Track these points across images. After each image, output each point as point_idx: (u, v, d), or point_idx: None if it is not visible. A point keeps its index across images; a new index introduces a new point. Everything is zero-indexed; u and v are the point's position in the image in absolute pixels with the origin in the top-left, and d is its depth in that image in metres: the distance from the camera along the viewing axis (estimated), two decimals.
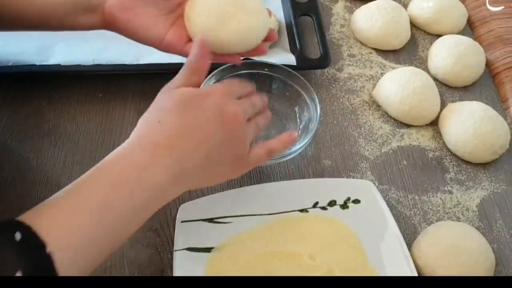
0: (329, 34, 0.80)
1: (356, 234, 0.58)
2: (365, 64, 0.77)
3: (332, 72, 0.76)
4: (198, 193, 0.62)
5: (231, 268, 0.55)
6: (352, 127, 0.70)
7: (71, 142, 0.65)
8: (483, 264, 0.56)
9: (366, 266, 0.56)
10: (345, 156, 0.67)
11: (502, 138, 0.67)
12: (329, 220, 0.59)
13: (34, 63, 0.68)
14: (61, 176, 0.62)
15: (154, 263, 0.57)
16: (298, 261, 0.56)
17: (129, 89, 0.71)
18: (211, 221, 0.58)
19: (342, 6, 0.85)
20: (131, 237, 0.58)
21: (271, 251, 0.57)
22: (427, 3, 0.81)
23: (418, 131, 0.71)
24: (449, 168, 0.67)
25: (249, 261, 0.56)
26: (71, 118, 0.67)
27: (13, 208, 0.59)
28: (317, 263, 0.56)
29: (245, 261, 0.56)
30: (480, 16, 0.83)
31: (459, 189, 0.66)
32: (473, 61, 0.75)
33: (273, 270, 0.56)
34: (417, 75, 0.71)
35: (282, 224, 0.59)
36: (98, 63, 0.69)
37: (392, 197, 0.64)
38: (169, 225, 0.59)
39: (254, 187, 0.62)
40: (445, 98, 0.74)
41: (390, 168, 0.67)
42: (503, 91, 0.75)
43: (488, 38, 0.80)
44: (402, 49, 0.80)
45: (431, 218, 0.63)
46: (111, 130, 0.67)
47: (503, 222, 0.63)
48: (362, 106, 0.73)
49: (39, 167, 0.63)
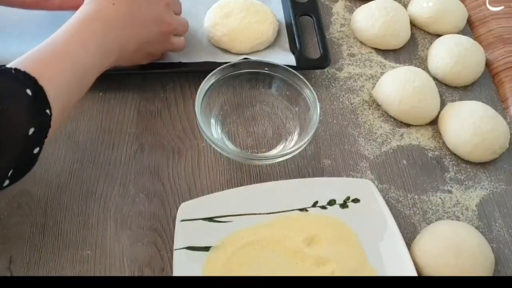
0: (329, 33, 0.80)
1: (356, 233, 0.58)
2: (365, 63, 0.77)
3: (332, 72, 0.76)
4: (198, 192, 0.62)
5: (231, 267, 0.55)
6: (352, 126, 0.71)
7: (71, 141, 0.65)
8: (483, 264, 0.57)
9: (366, 265, 0.56)
10: (344, 155, 0.68)
11: (501, 137, 0.67)
12: (328, 219, 0.59)
13: None
14: (61, 174, 0.62)
15: (154, 261, 0.57)
16: (297, 260, 0.56)
17: (129, 88, 0.71)
18: (211, 220, 0.58)
19: (342, 5, 0.85)
20: (131, 236, 0.58)
21: (270, 250, 0.57)
22: (427, 3, 0.81)
23: (417, 131, 0.71)
24: (448, 167, 0.68)
25: (248, 260, 0.56)
26: (71, 116, 0.67)
27: (13, 206, 0.59)
28: (317, 262, 0.56)
29: (244, 260, 0.56)
30: (480, 16, 0.83)
31: (458, 189, 0.66)
32: (473, 61, 0.75)
33: (273, 269, 0.56)
34: (417, 74, 0.71)
35: (281, 223, 0.59)
36: None
37: (391, 196, 0.64)
38: (169, 224, 0.59)
39: (254, 186, 0.62)
40: (445, 97, 0.74)
41: (390, 168, 0.67)
42: (503, 91, 0.75)
43: (488, 37, 0.80)
44: (402, 49, 0.80)
45: (430, 217, 0.63)
46: (111, 128, 0.67)
47: (502, 222, 0.63)
48: (362, 106, 0.73)
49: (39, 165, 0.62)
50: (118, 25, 0.59)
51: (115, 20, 0.59)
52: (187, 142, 0.67)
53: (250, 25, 0.72)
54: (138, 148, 0.66)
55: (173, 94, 0.71)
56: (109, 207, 0.60)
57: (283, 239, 0.58)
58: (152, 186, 0.62)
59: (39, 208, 0.60)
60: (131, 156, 0.65)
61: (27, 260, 0.56)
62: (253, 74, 0.68)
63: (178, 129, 0.68)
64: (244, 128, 0.69)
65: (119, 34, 0.59)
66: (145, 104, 0.70)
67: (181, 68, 0.71)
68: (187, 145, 0.66)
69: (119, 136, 0.66)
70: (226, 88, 0.68)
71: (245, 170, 0.65)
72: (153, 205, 0.61)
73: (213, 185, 0.63)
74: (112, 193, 0.62)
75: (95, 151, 0.65)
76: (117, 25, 0.59)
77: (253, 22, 0.73)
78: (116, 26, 0.59)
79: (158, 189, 0.62)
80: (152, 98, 0.71)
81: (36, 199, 0.60)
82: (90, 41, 0.55)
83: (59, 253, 0.57)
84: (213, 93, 0.66)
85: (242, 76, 0.68)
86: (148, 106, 0.70)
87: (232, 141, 0.67)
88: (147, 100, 0.70)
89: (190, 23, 0.76)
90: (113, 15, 0.59)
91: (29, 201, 0.60)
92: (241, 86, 0.69)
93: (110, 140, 0.66)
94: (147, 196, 0.62)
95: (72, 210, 0.60)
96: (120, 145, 0.66)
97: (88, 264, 0.56)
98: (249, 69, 0.68)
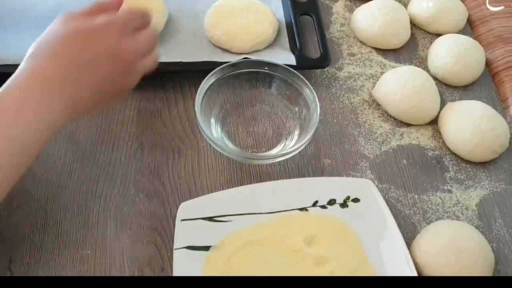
0: (329, 33, 0.80)
1: (356, 233, 0.58)
2: (365, 63, 0.77)
3: (332, 71, 0.76)
4: (198, 192, 0.62)
5: (231, 267, 0.55)
6: (352, 126, 0.70)
7: (71, 141, 0.65)
8: (482, 263, 0.57)
9: (366, 264, 0.56)
10: (344, 155, 0.68)
11: (501, 137, 0.67)
12: (328, 218, 0.59)
13: None
14: (61, 174, 0.62)
15: (154, 261, 0.57)
16: (297, 259, 0.56)
17: None
18: (211, 220, 0.58)
19: (342, 5, 0.85)
20: (131, 236, 0.58)
21: (270, 249, 0.57)
22: (427, 3, 0.81)
23: (417, 130, 0.71)
24: (448, 167, 0.68)
25: (248, 260, 0.56)
26: None
27: (13, 206, 0.59)
28: (317, 262, 0.56)
29: (244, 260, 0.56)
30: (480, 16, 0.83)
31: (458, 188, 0.66)
32: (473, 61, 0.75)
33: (273, 268, 0.56)
34: (417, 74, 0.71)
35: (281, 222, 0.59)
36: None
37: (391, 196, 0.64)
38: (169, 223, 0.59)
39: (253, 185, 0.62)
40: (445, 97, 0.74)
41: (390, 167, 0.67)
42: (503, 90, 0.75)
43: (488, 37, 0.80)
44: (402, 48, 0.80)
45: (430, 217, 0.63)
46: (111, 128, 0.67)
47: (502, 221, 0.63)
48: (362, 105, 0.73)
49: (39, 165, 0.63)
50: (59, 78, 0.48)
51: (55, 74, 0.49)
52: (187, 142, 0.67)
53: (250, 24, 0.72)
54: (138, 147, 0.66)
55: (173, 94, 0.71)
56: (109, 207, 0.60)
57: (283, 238, 0.58)
58: (152, 186, 0.62)
59: (39, 208, 0.60)
60: (131, 156, 0.65)
61: (27, 260, 0.56)
62: (253, 74, 0.68)
63: (178, 128, 0.68)
64: (244, 128, 0.69)
65: (65, 88, 0.49)
66: (145, 104, 0.70)
67: (181, 68, 0.71)
68: (187, 145, 0.66)
69: (119, 136, 0.66)
70: (226, 88, 0.68)
71: (245, 170, 0.65)
72: (153, 205, 0.61)
73: (213, 184, 0.63)
74: (112, 192, 0.62)
75: (95, 151, 0.65)
76: (58, 78, 0.48)
77: (253, 21, 0.73)
78: (58, 79, 0.48)
79: (158, 188, 0.62)
80: (152, 98, 0.71)
81: (36, 199, 0.60)
82: (29, 108, 0.46)
83: (59, 253, 0.57)
84: (213, 93, 0.66)
85: (242, 76, 0.68)
86: (148, 106, 0.70)
87: (232, 141, 0.67)
88: (147, 100, 0.70)
89: (190, 23, 0.76)
90: (52, 69, 0.49)
91: (29, 201, 0.60)
92: (241, 86, 0.69)
93: (110, 140, 0.66)
94: (147, 195, 0.62)
95: (72, 209, 0.60)
96: (120, 144, 0.66)
97: (88, 263, 0.56)
98: (249, 68, 0.68)
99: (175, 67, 0.71)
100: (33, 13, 0.75)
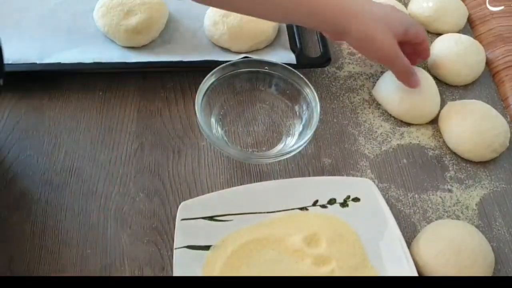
0: None
1: (356, 232, 0.58)
2: (365, 62, 0.77)
3: (332, 71, 0.76)
4: (198, 191, 0.62)
5: (231, 266, 0.55)
6: (352, 125, 0.70)
7: (72, 140, 0.65)
8: (483, 263, 0.56)
9: (366, 264, 0.56)
10: (345, 154, 0.68)
11: (502, 136, 0.67)
12: (329, 218, 0.59)
13: (35, 61, 0.68)
14: (61, 174, 0.62)
15: (154, 260, 0.57)
16: (297, 259, 0.56)
17: (130, 88, 0.71)
18: (211, 219, 0.58)
19: None
20: (131, 235, 0.58)
21: (271, 249, 0.57)
22: (427, 2, 0.81)
23: (418, 130, 0.71)
24: (449, 166, 0.68)
25: (248, 259, 0.56)
26: (71, 115, 0.68)
27: (13, 205, 0.59)
28: (317, 261, 0.56)
29: (244, 259, 0.56)
30: (480, 15, 0.83)
31: (458, 188, 0.66)
32: (473, 60, 0.75)
33: (273, 268, 0.56)
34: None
35: (281, 222, 0.59)
36: (98, 61, 0.69)
37: (391, 195, 0.64)
38: (169, 223, 0.59)
39: (254, 185, 0.62)
40: (445, 96, 0.74)
41: (390, 167, 0.67)
42: (503, 90, 0.75)
43: (488, 36, 0.80)
44: None
45: (430, 216, 0.63)
46: (111, 128, 0.67)
47: (502, 221, 0.63)
48: (362, 105, 0.73)
49: (40, 165, 0.63)
50: None
51: None
52: (187, 141, 0.67)
53: (250, 23, 0.72)
54: (138, 147, 0.66)
55: (173, 93, 0.71)
56: (109, 206, 0.60)
57: (283, 238, 0.58)
58: (152, 185, 0.62)
59: (39, 207, 0.60)
60: (131, 155, 0.65)
61: (27, 260, 0.56)
62: (253, 73, 0.68)
63: (178, 128, 0.68)
64: (244, 127, 0.68)
65: None
66: (145, 103, 0.70)
67: (181, 67, 0.71)
68: (187, 144, 0.66)
69: (119, 135, 0.66)
70: (226, 87, 0.68)
71: (245, 169, 0.65)
72: (153, 204, 0.61)
73: (213, 184, 0.63)
74: (112, 192, 0.62)
75: (95, 150, 0.65)
76: None
77: (253, 20, 0.73)
78: None
79: (158, 188, 0.62)
80: (152, 97, 0.71)
81: (36, 198, 0.60)
82: None
83: (59, 253, 0.57)
84: (213, 92, 0.66)
85: (242, 75, 0.68)
86: (148, 105, 0.70)
87: (232, 140, 0.67)
88: (147, 99, 0.70)
89: (190, 23, 0.76)
90: None
91: (29, 201, 0.60)
92: (241, 85, 0.69)
93: (110, 139, 0.66)
94: (147, 195, 0.62)
95: (72, 209, 0.60)
96: (120, 144, 0.66)
97: (89, 263, 0.56)
98: (249, 68, 0.68)
99: (175, 66, 0.71)
100: (33, 13, 0.75)
